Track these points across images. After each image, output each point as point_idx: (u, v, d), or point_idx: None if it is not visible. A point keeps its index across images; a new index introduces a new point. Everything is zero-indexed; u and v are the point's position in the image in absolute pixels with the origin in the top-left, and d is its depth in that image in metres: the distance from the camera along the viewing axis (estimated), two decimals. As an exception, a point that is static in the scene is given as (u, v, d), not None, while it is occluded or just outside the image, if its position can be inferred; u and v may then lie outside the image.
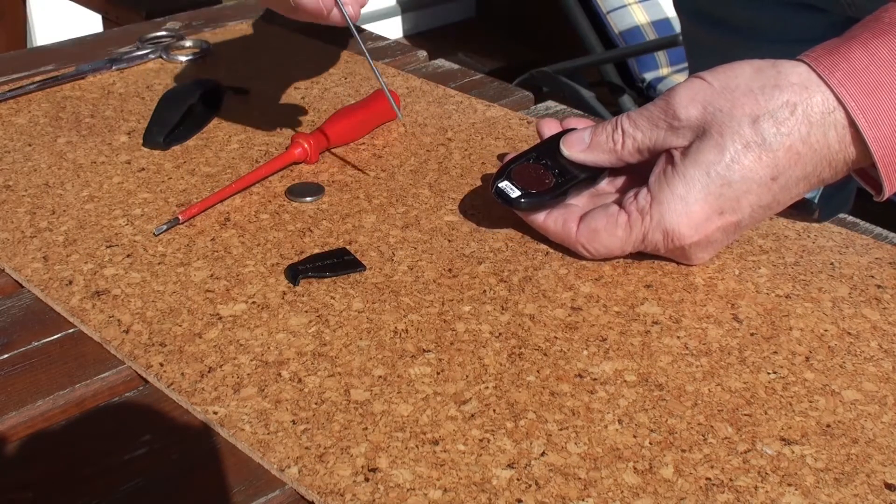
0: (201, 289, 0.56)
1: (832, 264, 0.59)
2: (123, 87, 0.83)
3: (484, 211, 0.64)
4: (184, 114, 0.74)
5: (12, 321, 0.55)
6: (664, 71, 2.31)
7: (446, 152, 0.72)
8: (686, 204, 0.54)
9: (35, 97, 0.81)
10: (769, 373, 0.50)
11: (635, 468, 0.44)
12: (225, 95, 0.80)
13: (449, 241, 0.61)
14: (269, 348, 0.52)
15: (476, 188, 0.67)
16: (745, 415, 0.47)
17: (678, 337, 0.53)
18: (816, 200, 0.81)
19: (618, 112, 0.58)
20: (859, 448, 0.45)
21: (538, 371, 0.50)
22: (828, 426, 0.47)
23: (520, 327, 0.53)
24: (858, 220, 0.64)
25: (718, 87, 0.54)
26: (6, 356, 0.52)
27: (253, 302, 0.55)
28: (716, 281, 0.57)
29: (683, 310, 0.55)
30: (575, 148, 0.60)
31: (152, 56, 0.89)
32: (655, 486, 0.43)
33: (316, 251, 0.60)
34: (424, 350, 0.51)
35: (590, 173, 0.60)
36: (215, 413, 0.47)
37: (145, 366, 0.50)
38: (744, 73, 0.54)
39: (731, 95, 0.54)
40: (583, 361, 0.51)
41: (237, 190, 0.66)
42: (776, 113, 0.53)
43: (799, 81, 0.53)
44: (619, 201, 0.58)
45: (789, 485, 0.43)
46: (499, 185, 0.59)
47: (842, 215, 0.65)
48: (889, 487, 0.43)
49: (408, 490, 0.43)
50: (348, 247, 0.60)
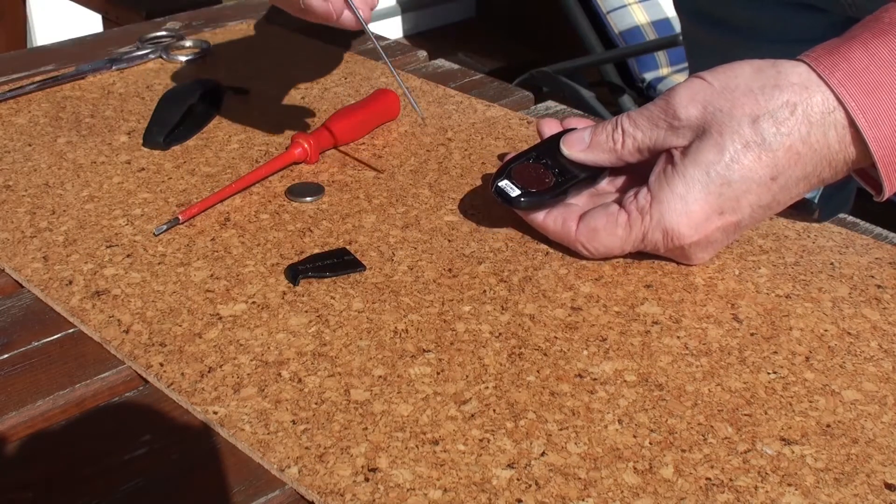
0: (201, 289, 0.56)
1: (832, 264, 0.59)
2: (123, 87, 0.83)
3: (484, 211, 0.64)
4: (184, 114, 0.74)
5: (12, 321, 0.55)
6: (664, 71, 2.31)
7: (446, 152, 0.72)
8: (686, 203, 0.54)
9: (35, 97, 0.81)
10: (769, 373, 0.50)
11: (635, 468, 0.44)
12: (225, 95, 0.80)
13: (449, 241, 0.61)
14: (269, 348, 0.52)
15: (476, 188, 0.67)
16: (745, 415, 0.47)
17: (678, 337, 0.53)
18: (816, 200, 0.81)
19: (618, 112, 0.58)
20: (859, 448, 0.45)
21: (538, 371, 0.50)
22: (828, 426, 0.47)
23: (520, 327, 0.53)
24: (858, 220, 0.64)
25: (718, 87, 0.54)
26: (6, 356, 0.52)
27: (253, 302, 0.55)
28: (716, 281, 0.57)
29: (683, 310, 0.55)
30: (575, 147, 0.60)
31: (152, 56, 0.89)
32: (655, 486, 0.43)
33: (316, 251, 0.60)
34: (424, 350, 0.51)
35: (590, 173, 0.60)
36: (215, 413, 0.47)
37: (145, 366, 0.50)
38: (744, 73, 0.54)
39: (731, 95, 0.54)
40: (583, 361, 0.51)
41: (237, 190, 0.66)
42: (776, 113, 0.53)
43: (799, 81, 0.53)
44: (619, 201, 0.58)
45: (789, 485, 0.43)
46: (499, 184, 0.59)
47: (842, 215, 0.65)
48: (889, 487, 0.43)
49: (408, 490, 0.43)
50: (348, 247, 0.60)
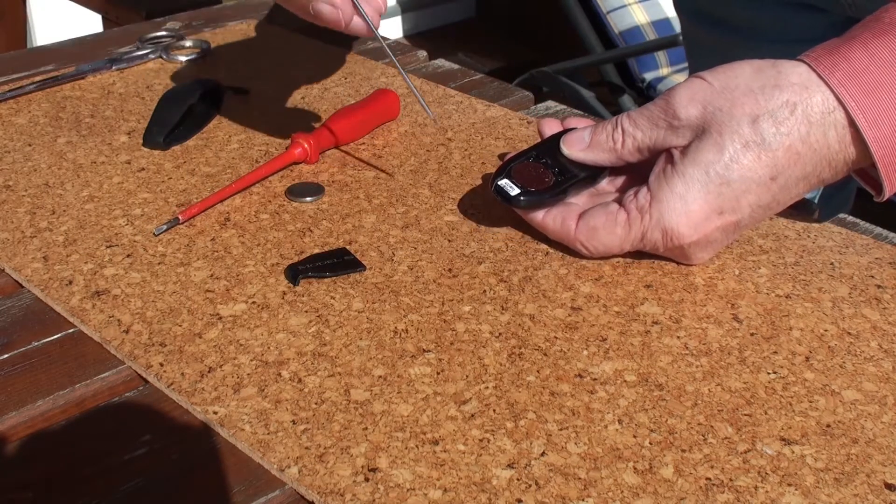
0: (201, 289, 0.56)
1: (832, 264, 0.59)
2: (123, 87, 0.83)
3: (484, 211, 0.64)
4: (184, 114, 0.74)
5: (12, 321, 0.55)
6: (664, 71, 2.31)
7: (446, 152, 0.72)
8: (685, 203, 0.54)
9: (35, 97, 0.81)
10: (769, 373, 0.50)
11: (635, 468, 0.44)
12: (225, 95, 0.80)
13: (449, 241, 0.61)
14: (269, 348, 0.52)
15: (476, 188, 0.67)
16: (745, 415, 0.47)
17: (678, 337, 0.53)
18: (816, 200, 0.81)
19: (618, 112, 0.58)
20: (859, 448, 0.45)
21: (538, 371, 0.50)
22: (828, 426, 0.47)
23: (520, 327, 0.53)
24: (858, 220, 0.64)
25: (718, 87, 0.54)
26: (6, 356, 0.52)
27: (253, 302, 0.55)
28: (716, 281, 0.57)
29: (683, 310, 0.55)
30: (575, 147, 0.60)
31: (152, 56, 0.89)
32: (655, 486, 0.43)
33: (316, 251, 0.60)
34: (424, 350, 0.51)
35: (590, 172, 0.60)
36: (215, 413, 0.47)
37: (145, 366, 0.50)
38: (744, 73, 0.54)
39: (731, 95, 0.54)
40: (583, 361, 0.51)
41: (237, 190, 0.66)
42: (776, 112, 0.53)
43: (799, 81, 0.53)
44: (619, 200, 0.58)
45: (789, 485, 0.43)
46: (498, 183, 0.59)
47: (842, 215, 0.65)
48: (889, 487, 0.43)
49: (408, 490, 0.43)
50: (348, 247, 0.60)
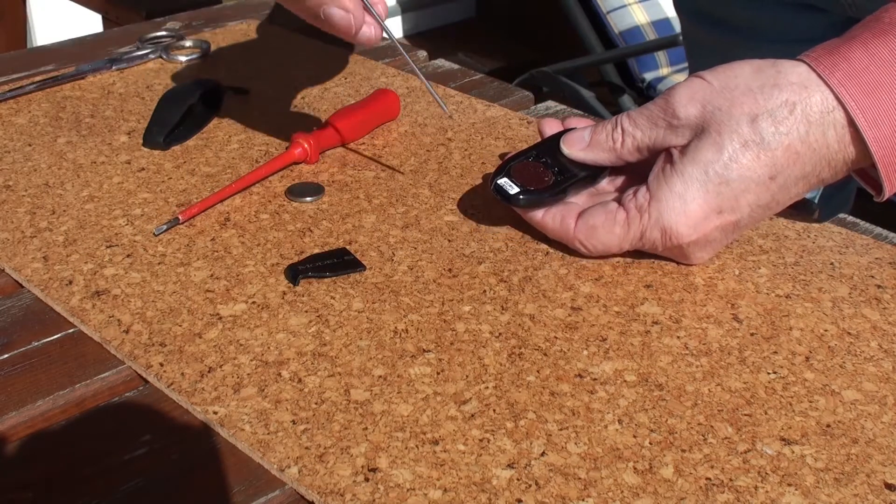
0: (201, 289, 0.56)
1: (832, 264, 0.59)
2: (123, 87, 0.83)
3: (484, 211, 0.64)
4: (184, 114, 0.74)
5: (12, 321, 0.55)
6: (664, 71, 2.31)
7: (446, 152, 0.72)
8: (684, 202, 0.54)
9: (35, 97, 0.81)
10: (769, 373, 0.50)
11: (635, 468, 0.44)
12: (225, 95, 0.80)
13: (449, 241, 0.61)
14: (269, 348, 0.52)
15: (476, 188, 0.67)
16: (745, 415, 0.47)
17: (678, 337, 0.53)
18: (816, 200, 0.81)
19: (618, 112, 0.59)
20: (859, 448, 0.45)
21: (538, 371, 0.50)
22: (828, 426, 0.47)
23: (520, 327, 0.53)
24: (858, 220, 0.64)
25: (718, 87, 0.54)
26: (6, 356, 0.52)
27: (253, 302, 0.55)
28: (716, 281, 0.57)
29: (683, 310, 0.55)
30: (575, 146, 0.60)
31: (152, 56, 0.89)
32: (655, 486, 0.43)
33: (316, 251, 0.60)
34: (424, 350, 0.51)
35: (589, 172, 0.60)
36: (215, 413, 0.47)
37: (145, 366, 0.50)
38: (743, 73, 0.54)
39: (731, 94, 0.54)
40: (583, 361, 0.51)
41: (237, 190, 0.66)
42: (775, 112, 0.53)
43: (798, 81, 0.53)
44: (619, 199, 0.58)
45: (789, 485, 0.43)
46: (498, 182, 0.59)
47: (842, 215, 0.65)
48: (889, 487, 0.43)
49: (408, 490, 0.43)
50: (348, 247, 0.60)
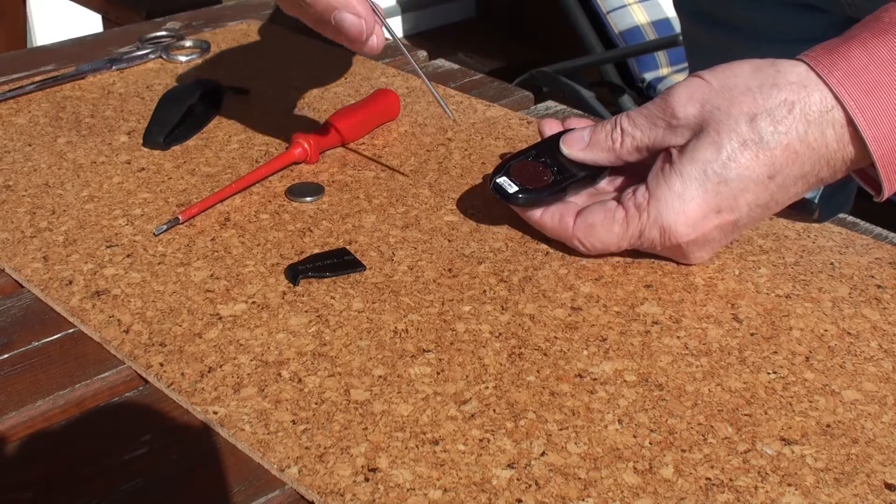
0: (201, 289, 0.56)
1: (832, 264, 0.59)
2: (123, 87, 0.83)
3: (484, 211, 0.64)
4: (184, 114, 0.74)
5: (12, 321, 0.55)
6: (664, 71, 2.31)
7: (446, 152, 0.72)
8: (683, 202, 0.54)
9: (35, 97, 0.81)
10: (769, 373, 0.50)
11: (635, 468, 0.44)
12: (225, 95, 0.80)
13: (449, 241, 0.61)
14: (269, 348, 0.52)
15: (476, 188, 0.67)
16: (745, 415, 0.47)
17: (678, 337, 0.53)
18: (816, 200, 0.81)
19: (618, 112, 0.59)
20: (859, 448, 0.45)
21: (538, 371, 0.50)
22: (828, 426, 0.47)
23: (520, 327, 0.53)
24: (858, 220, 0.64)
25: (717, 86, 0.54)
26: (6, 356, 0.52)
27: (253, 302, 0.55)
28: (716, 281, 0.57)
29: (683, 310, 0.55)
30: (574, 146, 0.60)
31: (152, 56, 0.89)
32: (655, 486, 0.43)
33: (316, 251, 0.60)
34: (424, 350, 0.51)
35: (589, 172, 0.60)
36: (215, 413, 0.47)
37: (145, 366, 0.50)
38: (743, 72, 0.54)
39: (730, 94, 0.54)
40: (583, 361, 0.51)
41: (237, 190, 0.66)
42: (774, 111, 0.53)
43: (797, 80, 0.53)
44: (618, 198, 0.58)
45: (789, 485, 0.43)
46: (496, 181, 0.59)
47: (842, 215, 0.65)
48: (889, 487, 0.43)
49: (408, 490, 0.43)
50: (348, 247, 0.60)
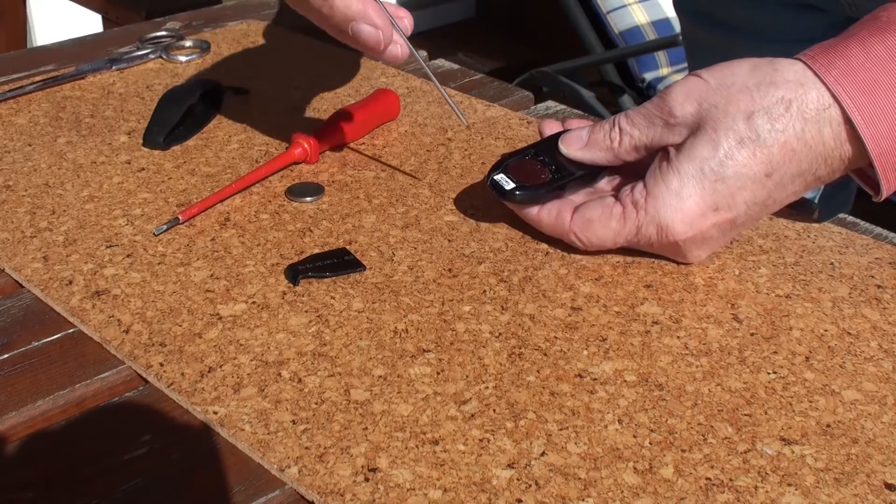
0: (201, 289, 0.56)
1: (832, 264, 0.59)
2: (123, 87, 0.83)
3: (484, 211, 0.64)
4: (184, 114, 0.74)
5: (12, 321, 0.55)
6: (664, 71, 2.31)
7: (446, 152, 0.72)
8: (680, 199, 0.54)
9: (35, 97, 0.81)
10: (769, 373, 0.50)
11: (635, 468, 0.44)
12: (225, 95, 0.80)
13: (449, 241, 0.61)
14: (269, 348, 0.52)
15: (476, 188, 0.67)
16: (745, 415, 0.47)
17: (678, 337, 0.53)
18: (816, 200, 0.81)
19: (618, 112, 0.59)
20: (859, 448, 0.45)
21: (538, 371, 0.50)
22: (828, 426, 0.47)
23: (520, 327, 0.53)
24: (858, 220, 0.64)
25: (714, 85, 0.54)
26: (6, 356, 0.52)
27: (253, 302, 0.55)
28: (716, 281, 0.57)
29: (683, 310, 0.55)
30: (573, 146, 0.60)
31: (152, 56, 0.89)
32: (655, 486, 0.43)
33: (316, 251, 0.60)
34: (424, 350, 0.51)
35: (587, 171, 0.60)
36: (215, 413, 0.47)
37: (145, 366, 0.50)
38: (741, 71, 0.54)
39: (727, 92, 0.54)
40: (583, 361, 0.51)
41: (237, 190, 0.66)
42: (771, 109, 0.53)
43: (794, 78, 0.53)
44: (616, 196, 0.58)
45: (789, 485, 0.43)
46: (494, 178, 0.59)
47: (842, 215, 0.65)
48: (889, 487, 0.43)
49: (408, 490, 0.43)
50: (348, 247, 0.60)
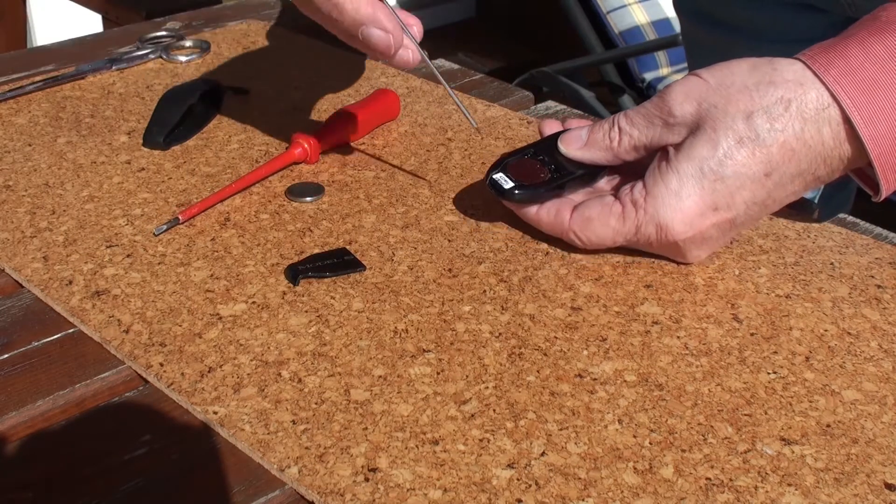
0: (201, 289, 0.56)
1: (832, 264, 0.59)
2: (123, 87, 0.83)
3: (484, 211, 0.64)
4: (184, 114, 0.74)
5: (12, 321, 0.55)
6: (664, 71, 2.31)
7: (446, 152, 0.72)
8: (679, 199, 0.54)
9: (35, 97, 0.81)
10: (769, 373, 0.50)
11: (635, 468, 0.44)
12: (225, 95, 0.80)
13: (449, 241, 0.61)
14: (269, 348, 0.52)
15: (476, 188, 0.67)
16: (745, 415, 0.47)
17: (678, 337, 0.53)
18: (816, 200, 0.81)
19: (617, 112, 0.59)
20: (859, 448, 0.45)
21: (538, 371, 0.50)
22: (828, 426, 0.47)
23: (520, 327, 0.53)
24: (858, 220, 0.64)
25: (714, 84, 0.54)
26: (6, 356, 0.52)
27: (253, 302, 0.55)
28: (716, 281, 0.57)
29: (683, 310, 0.55)
30: (572, 145, 0.60)
31: (152, 56, 0.89)
32: (655, 486, 0.43)
33: (316, 251, 0.60)
34: (424, 350, 0.51)
35: (587, 170, 0.60)
36: (215, 413, 0.47)
37: (145, 366, 0.50)
38: (740, 71, 0.54)
39: (726, 92, 0.54)
40: (583, 361, 0.51)
41: (237, 190, 0.66)
42: (770, 109, 0.53)
43: (794, 78, 0.53)
44: (615, 195, 0.58)
45: (789, 485, 0.43)
46: (493, 177, 0.59)
47: (842, 215, 0.65)
48: (889, 487, 0.43)
49: (408, 490, 0.43)
50: (348, 247, 0.60)
